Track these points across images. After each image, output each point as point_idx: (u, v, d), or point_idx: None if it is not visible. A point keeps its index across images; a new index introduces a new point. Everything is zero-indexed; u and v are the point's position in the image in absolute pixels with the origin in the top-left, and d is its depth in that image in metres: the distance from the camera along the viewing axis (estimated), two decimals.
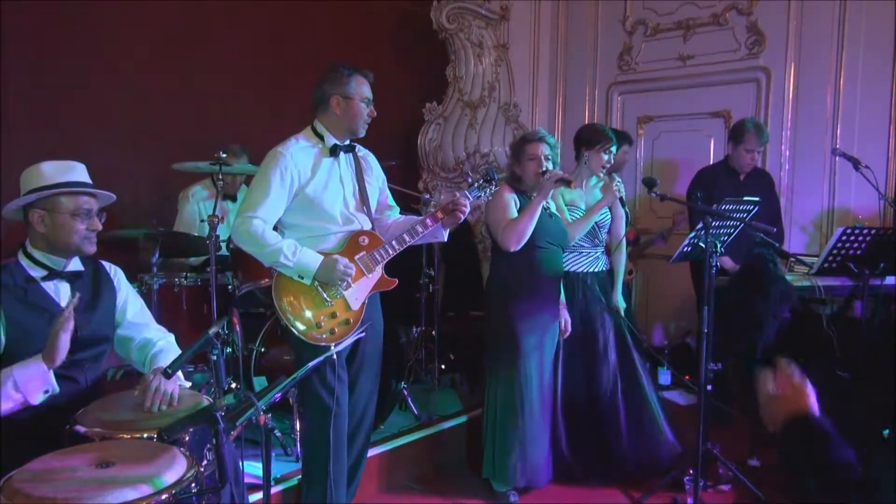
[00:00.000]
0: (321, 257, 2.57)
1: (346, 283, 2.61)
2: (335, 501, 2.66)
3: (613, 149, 3.52)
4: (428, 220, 2.71)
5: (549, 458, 3.33)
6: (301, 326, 2.56)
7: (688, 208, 4.20)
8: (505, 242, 3.15)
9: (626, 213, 3.99)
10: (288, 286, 2.59)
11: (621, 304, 3.57)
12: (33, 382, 1.95)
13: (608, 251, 3.63)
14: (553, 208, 3.39)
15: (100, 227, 2.25)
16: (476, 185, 2.81)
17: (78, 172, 2.27)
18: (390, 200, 2.97)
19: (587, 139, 3.53)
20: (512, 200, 3.24)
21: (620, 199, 3.49)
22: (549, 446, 3.34)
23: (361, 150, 2.83)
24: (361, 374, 2.81)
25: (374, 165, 2.88)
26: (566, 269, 3.46)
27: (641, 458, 3.41)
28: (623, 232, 3.64)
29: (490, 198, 2.90)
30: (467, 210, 2.72)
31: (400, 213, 2.99)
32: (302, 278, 2.58)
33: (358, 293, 2.67)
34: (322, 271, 2.56)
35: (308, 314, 2.59)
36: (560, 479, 3.40)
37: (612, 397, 3.44)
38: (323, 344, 2.55)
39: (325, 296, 2.60)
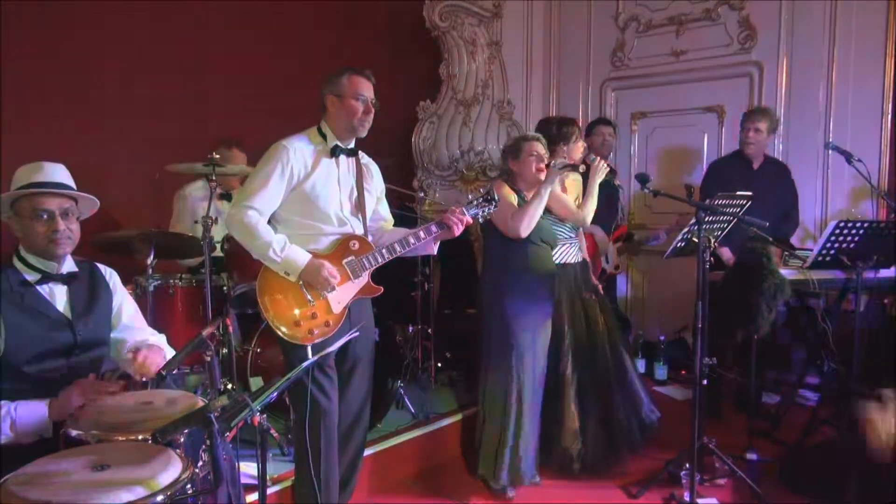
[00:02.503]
0: (309, 256, 2.58)
1: (329, 287, 2.61)
2: (327, 500, 2.66)
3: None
4: (421, 233, 2.71)
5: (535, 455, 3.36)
6: (279, 323, 2.57)
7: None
8: (515, 228, 3.17)
9: (621, 187, 4.02)
10: (272, 282, 2.59)
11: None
12: (31, 427, 1.98)
13: None
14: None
15: (60, 228, 2.18)
16: (475, 202, 2.79)
17: (45, 173, 2.21)
18: (386, 212, 2.97)
19: (557, 135, 3.57)
20: (512, 193, 3.29)
21: (613, 170, 3.55)
22: (540, 442, 3.37)
23: (364, 158, 2.84)
24: (354, 376, 2.82)
25: (375, 175, 2.89)
26: (563, 261, 3.53)
27: (634, 424, 3.52)
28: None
29: (488, 216, 2.88)
30: (462, 227, 2.70)
31: (394, 226, 3.00)
32: (288, 275, 2.58)
33: (341, 297, 2.66)
34: (307, 271, 2.56)
35: (288, 312, 2.59)
36: (562, 472, 3.43)
37: (610, 371, 3.52)
38: (300, 343, 2.56)
39: (308, 296, 2.60)
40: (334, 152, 2.68)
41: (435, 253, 2.88)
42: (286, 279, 2.59)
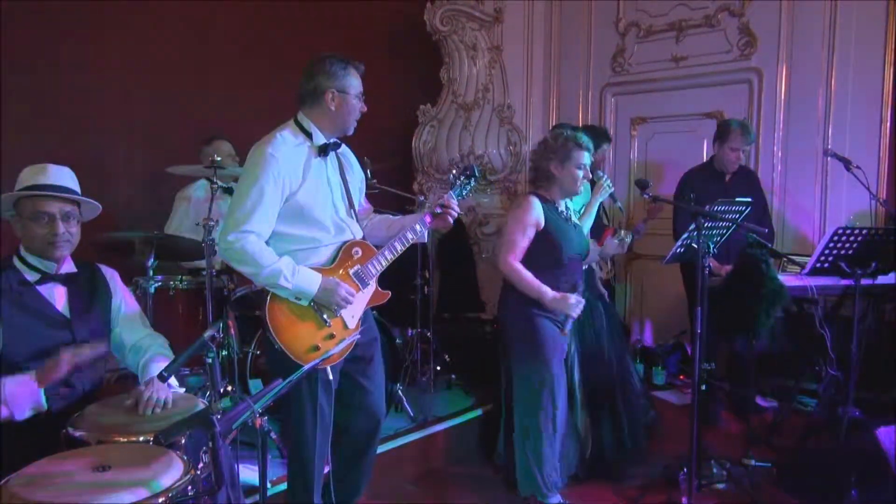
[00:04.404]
0: (320, 277, 2.41)
1: (346, 305, 2.47)
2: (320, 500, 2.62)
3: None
4: (417, 226, 2.60)
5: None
6: (297, 349, 2.40)
7: (674, 209, 4.22)
8: (502, 266, 2.99)
9: (621, 208, 4.04)
10: (283, 307, 2.41)
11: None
12: (22, 398, 1.98)
13: None
14: (575, 217, 3.29)
15: (59, 231, 2.19)
16: (457, 182, 2.70)
17: (50, 176, 2.22)
18: (365, 200, 2.82)
19: None
20: (536, 215, 3.00)
21: (612, 195, 3.55)
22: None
23: (341, 147, 2.61)
24: (370, 377, 2.67)
25: (354, 163, 2.69)
26: None
27: (636, 430, 3.51)
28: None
29: (471, 192, 2.76)
30: (457, 212, 2.63)
31: (374, 211, 2.85)
32: (299, 299, 2.42)
33: (354, 310, 2.53)
34: (321, 294, 2.40)
35: (305, 337, 2.42)
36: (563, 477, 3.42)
37: (614, 378, 3.49)
38: (320, 366, 2.39)
39: (323, 317, 2.45)
40: (323, 151, 2.49)
41: (426, 240, 2.78)
42: (296, 304, 2.42)
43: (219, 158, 3.35)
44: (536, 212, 3.00)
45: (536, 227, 3.01)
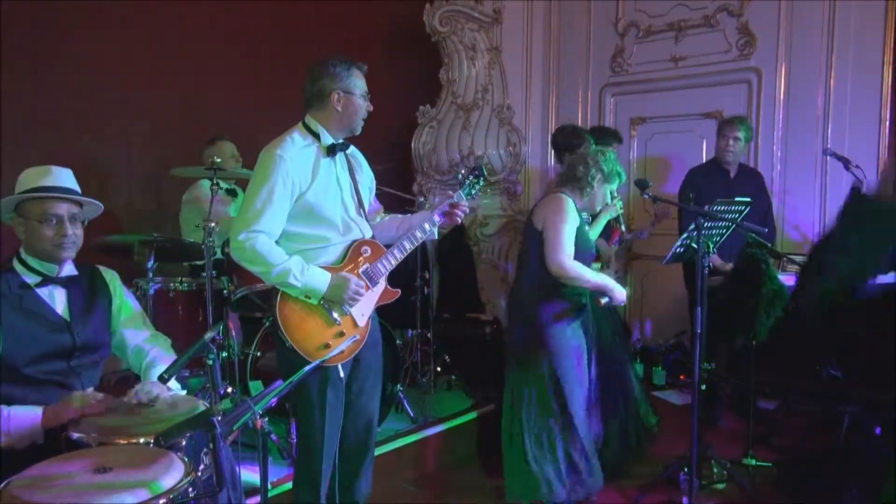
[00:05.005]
0: (329, 275, 2.43)
1: (356, 301, 2.48)
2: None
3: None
4: (426, 225, 2.61)
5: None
6: (308, 347, 2.42)
7: (677, 208, 4.22)
8: (558, 269, 2.93)
9: (622, 224, 4.05)
10: (294, 306, 2.43)
11: None
12: (25, 432, 1.98)
13: None
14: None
15: (69, 233, 2.19)
16: (466, 182, 2.72)
17: (55, 177, 2.22)
18: (375, 201, 2.85)
19: (564, 145, 3.53)
20: (575, 213, 3.02)
21: (619, 216, 3.58)
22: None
23: (349, 147, 2.64)
24: (366, 382, 2.67)
25: (363, 163, 2.72)
26: None
27: (635, 430, 3.51)
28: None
29: (479, 192, 2.78)
30: (466, 211, 2.67)
31: (384, 212, 2.88)
32: (308, 298, 2.43)
33: (364, 308, 2.54)
34: (331, 291, 2.42)
35: (316, 335, 2.44)
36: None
37: (613, 377, 3.48)
38: (330, 364, 2.41)
39: (334, 315, 2.46)
40: (331, 151, 2.51)
41: (436, 236, 2.77)
42: (306, 302, 2.44)
43: (219, 160, 3.34)
44: (575, 211, 3.05)
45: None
